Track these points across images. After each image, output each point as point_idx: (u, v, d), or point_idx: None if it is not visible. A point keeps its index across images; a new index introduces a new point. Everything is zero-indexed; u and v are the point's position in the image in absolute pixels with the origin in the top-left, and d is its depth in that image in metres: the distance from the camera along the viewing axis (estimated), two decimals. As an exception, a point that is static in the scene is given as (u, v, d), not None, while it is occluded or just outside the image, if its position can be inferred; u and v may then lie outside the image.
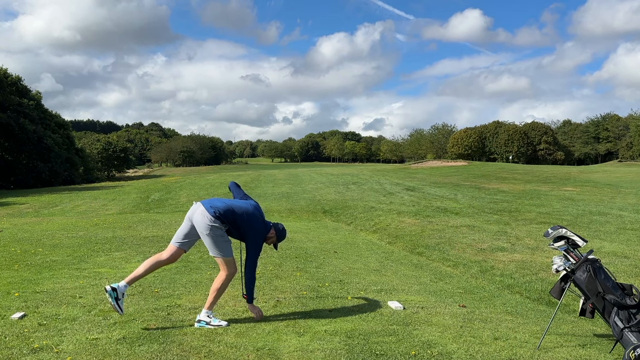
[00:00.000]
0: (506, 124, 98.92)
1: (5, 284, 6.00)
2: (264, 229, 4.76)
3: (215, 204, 4.58)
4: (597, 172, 35.96)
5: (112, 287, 4.43)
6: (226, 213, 4.52)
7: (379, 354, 3.90)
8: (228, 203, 4.64)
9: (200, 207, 4.57)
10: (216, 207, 4.54)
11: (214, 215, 4.47)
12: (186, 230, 4.61)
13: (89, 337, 4.10)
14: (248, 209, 4.68)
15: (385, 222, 14.57)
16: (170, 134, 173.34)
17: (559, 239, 4.46)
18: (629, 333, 4.01)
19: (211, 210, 4.49)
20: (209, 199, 4.72)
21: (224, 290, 4.67)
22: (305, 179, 31.74)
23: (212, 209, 4.50)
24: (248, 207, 4.70)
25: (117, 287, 4.44)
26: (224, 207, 4.55)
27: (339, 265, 8.10)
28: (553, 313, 4.72)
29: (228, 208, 4.56)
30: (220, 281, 4.58)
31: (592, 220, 13.33)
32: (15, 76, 51.27)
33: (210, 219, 4.46)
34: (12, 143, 47.15)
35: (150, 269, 4.62)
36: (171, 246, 4.65)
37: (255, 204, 4.84)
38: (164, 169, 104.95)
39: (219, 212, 4.49)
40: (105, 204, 24.09)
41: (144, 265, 4.60)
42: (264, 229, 4.75)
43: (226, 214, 4.52)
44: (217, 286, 4.58)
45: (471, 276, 8.30)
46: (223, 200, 4.70)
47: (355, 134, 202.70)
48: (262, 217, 4.81)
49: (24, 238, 10.49)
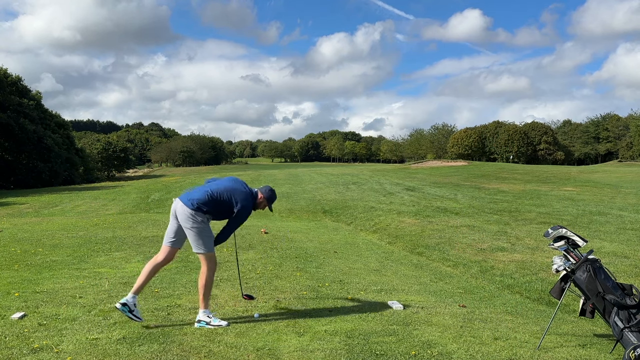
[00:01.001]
0: (506, 124, 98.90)
1: (5, 284, 6.00)
2: (250, 195, 4.73)
3: (193, 195, 4.60)
4: (597, 172, 35.96)
5: (121, 303, 4.47)
6: (205, 200, 4.52)
7: (379, 354, 3.90)
8: (205, 189, 4.65)
9: (178, 202, 4.59)
10: (193, 198, 4.55)
11: (192, 208, 4.49)
12: (174, 228, 4.63)
13: (89, 337, 4.10)
14: (227, 184, 4.70)
15: (385, 222, 14.56)
16: (170, 134, 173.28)
17: (559, 239, 4.46)
18: (629, 333, 4.01)
19: (189, 204, 4.51)
20: (186, 192, 4.74)
21: (212, 284, 4.69)
22: (305, 179, 31.75)
23: (190, 202, 4.52)
24: (227, 183, 4.73)
25: (126, 301, 4.47)
26: (201, 196, 4.56)
27: (339, 265, 8.09)
28: (553, 313, 4.72)
29: (206, 194, 4.56)
30: (205, 277, 4.59)
31: (592, 220, 13.32)
32: (15, 76, 51.25)
33: (191, 212, 4.48)
34: (12, 143, 47.13)
35: (151, 274, 4.65)
36: (164, 247, 4.68)
37: (234, 177, 4.88)
38: (164, 169, 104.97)
39: (198, 202, 4.51)
40: (105, 204, 24.09)
41: (144, 273, 4.63)
42: (250, 195, 4.72)
43: (205, 202, 4.52)
44: (203, 283, 4.59)
45: (471, 276, 8.30)
46: (199, 188, 4.71)
47: (355, 134, 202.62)
48: (244, 185, 4.80)
49: (24, 238, 10.49)
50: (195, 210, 4.50)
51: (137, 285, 4.59)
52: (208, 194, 4.56)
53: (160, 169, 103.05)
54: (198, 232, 4.51)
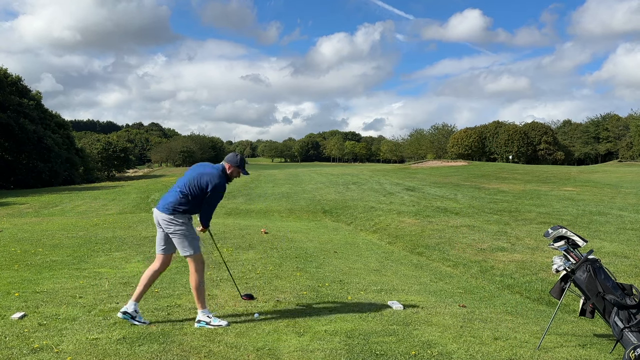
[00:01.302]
0: (506, 124, 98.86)
1: (5, 284, 6.00)
2: (218, 172, 4.67)
3: (167, 199, 4.62)
4: (597, 172, 35.97)
5: (122, 312, 4.52)
6: (179, 200, 4.55)
7: (379, 354, 3.90)
8: (175, 189, 4.65)
9: (156, 211, 4.65)
10: (168, 202, 4.58)
11: (169, 213, 4.53)
12: (161, 236, 4.69)
13: (89, 337, 4.10)
14: (192, 175, 4.67)
15: (385, 222, 14.57)
16: (170, 134, 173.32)
17: (559, 239, 4.46)
18: (629, 333, 4.00)
19: (165, 210, 4.55)
20: (162, 198, 4.76)
21: (203, 284, 4.70)
22: (305, 179, 31.75)
23: (166, 208, 4.56)
24: (191, 173, 4.70)
25: (126, 309, 4.51)
26: (174, 197, 4.58)
27: (339, 265, 8.09)
28: (553, 313, 4.72)
29: (178, 194, 4.58)
30: (195, 278, 4.61)
31: (592, 220, 13.33)
32: (15, 76, 51.25)
33: (169, 218, 4.53)
34: (12, 143, 47.12)
35: (150, 281, 4.69)
36: (158, 255, 4.73)
37: (197, 164, 4.90)
38: (164, 169, 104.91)
39: (174, 205, 4.54)
40: (105, 204, 24.08)
41: (143, 280, 4.66)
42: (218, 172, 4.66)
43: (180, 201, 4.55)
44: (195, 284, 4.61)
45: (471, 276, 8.30)
46: (171, 190, 4.70)
47: (355, 134, 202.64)
48: (209, 166, 4.77)
49: (24, 238, 10.49)
50: (173, 214, 4.54)
51: (137, 292, 4.62)
52: (179, 193, 4.58)
53: (160, 169, 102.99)
54: (182, 235, 4.55)
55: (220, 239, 10.39)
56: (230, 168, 4.76)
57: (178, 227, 4.53)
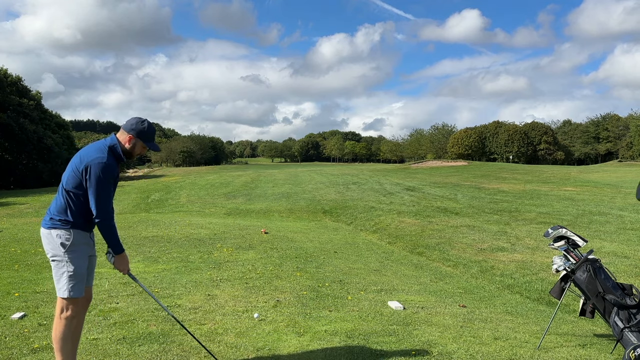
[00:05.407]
0: (506, 124, 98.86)
1: (5, 284, 6.00)
2: (100, 148, 3.21)
3: (50, 208, 3.29)
4: (597, 172, 35.97)
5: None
6: (62, 204, 3.20)
7: (379, 354, 3.89)
8: (58, 192, 3.28)
9: (41, 229, 3.31)
10: (49, 211, 3.27)
11: (48, 227, 3.22)
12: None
13: (89, 337, 4.09)
14: (72, 167, 3.23)
15: (385, 222, 14.56)
16: (170, 134, 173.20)
17: (559, 239, 4.46)
18: (629, 333, 4.00)
19: (44, 223, 3.26)
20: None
21: (71, 338, 3.22)
22: (305, 179, 31.74)
23: (45, 220, 3.26)
24: (72, 165, 3.24)
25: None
26: (57, 201, 3.26)
27: (339, 265, 8.09)
28: (553, 313, 4.72)
29: (60, 194, 3.23)
30: (60, 328, 3.19)
31: (592, 220, 13.32)
32: (16, 76, 51.26)
33: (47, 233, 3.21)
34: (12, 143, 47.11)
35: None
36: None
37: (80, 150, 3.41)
38: (164, 169, 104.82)
39: (56, 213, 3.21)
40: (105, 204, 24.07)
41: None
42: (99, 148, 3.21)
43: (62, 206, 3.19)
44: (57, 335, 3.20)
45: (471, 276, 8.29)
46: (56, 196, 3.31)
47: (355, 134, 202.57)
48: (90, 145, 3.33)
49: (24, 238, 10.48)
50: (52, 228, 3.18)
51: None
52: (60, 194, 3.24)
53: (160, 169, 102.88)
54: (58, 265, 3.18)
55: (220, 239, 10.39)
56: (130, 139, 3.26)
57: (56, 250, 3.15)
